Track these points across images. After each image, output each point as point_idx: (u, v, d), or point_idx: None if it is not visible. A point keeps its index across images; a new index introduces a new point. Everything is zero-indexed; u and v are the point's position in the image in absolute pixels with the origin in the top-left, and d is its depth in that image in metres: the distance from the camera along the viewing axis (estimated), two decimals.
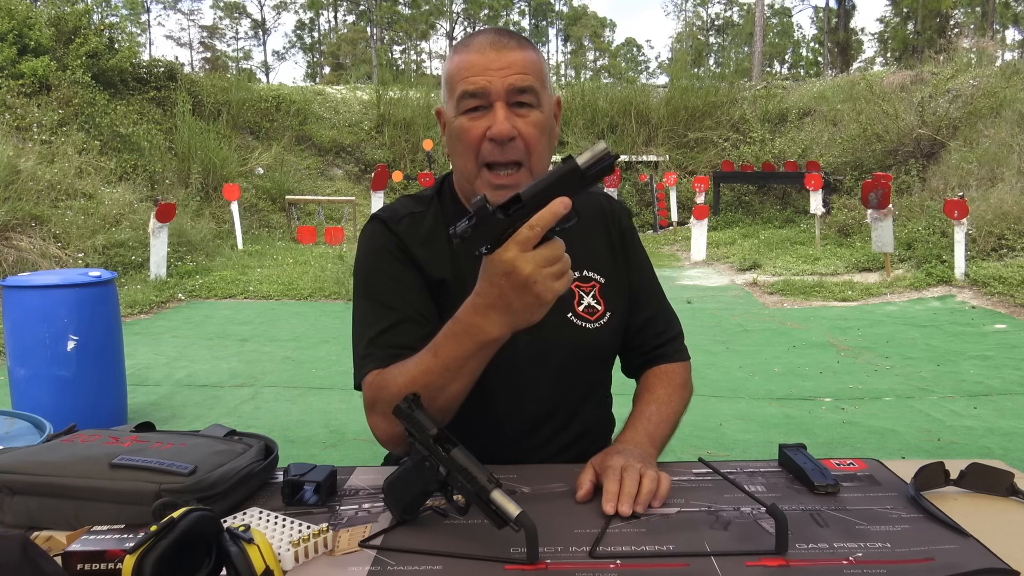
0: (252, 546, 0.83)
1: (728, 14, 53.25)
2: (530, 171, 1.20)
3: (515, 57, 1.18)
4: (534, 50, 1.22)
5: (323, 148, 15.97)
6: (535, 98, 1.19)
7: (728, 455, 3.62)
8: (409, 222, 1.29)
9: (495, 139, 1.17)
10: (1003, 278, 7.35)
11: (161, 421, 4.11)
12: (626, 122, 15.91)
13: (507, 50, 1.18)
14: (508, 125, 1.16)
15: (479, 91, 1.17)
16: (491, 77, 1.17)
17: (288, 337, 6.26)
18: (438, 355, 1.09)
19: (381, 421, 1.16)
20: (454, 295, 1.23)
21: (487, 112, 1.18)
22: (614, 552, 0.96)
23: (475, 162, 1.20)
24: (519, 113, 1.18)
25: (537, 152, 1.20)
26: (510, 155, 1.18)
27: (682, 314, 1.48)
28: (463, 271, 1.25)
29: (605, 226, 1.37)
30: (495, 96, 1.17)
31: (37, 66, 11.40)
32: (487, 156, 1.19)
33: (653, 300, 1.41)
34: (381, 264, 1.27)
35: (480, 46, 1.19)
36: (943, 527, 1.01)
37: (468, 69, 1.18)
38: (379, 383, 1.17)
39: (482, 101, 1.18)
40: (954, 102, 12.91)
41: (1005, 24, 39.63)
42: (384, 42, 51.51)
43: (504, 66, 1.17)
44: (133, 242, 9.08)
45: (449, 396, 1.11)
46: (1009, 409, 4.25)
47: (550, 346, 1.27)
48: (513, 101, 1.18)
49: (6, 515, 1.07)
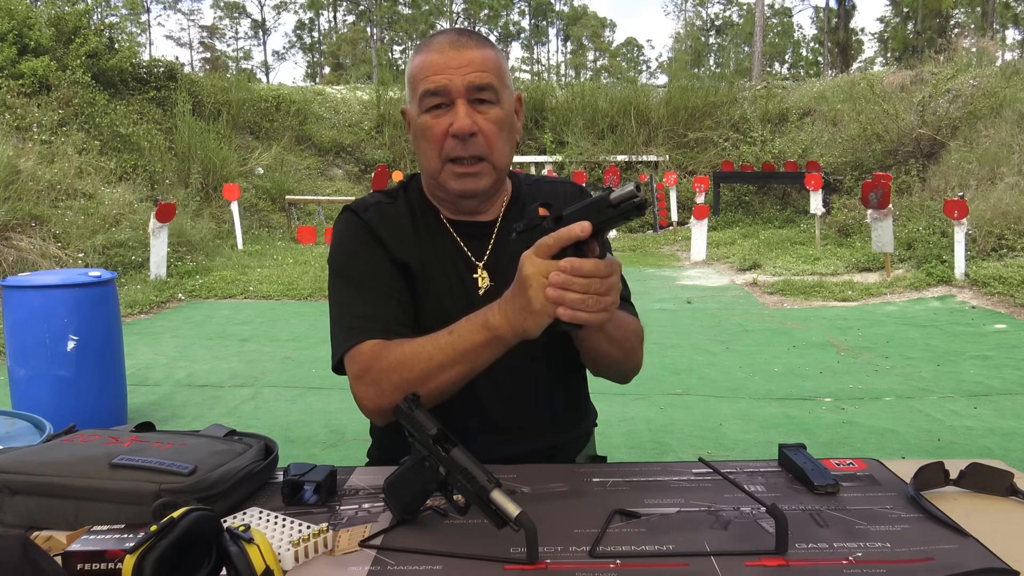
0: (252, 546, 0.83)
1: (728, 14, 53.29)
2: (491, 165, 1.25)
3: (474, 55, 1.22)
4: (493, 49, 1.26)
5: (323, 148, 15.96)
6: (495, 95, 1.23)
7: (728, 455, 3.62)
8: (376, 210, 1.34)
9: (457, 135, 1.21)
10: (1003, 278, 7.35)
11: (161, 421, 4.11)
12: (626, 122, 15.89)
13: (466, 49, 1.22)
14: (469, 121, 1.21)
15: (440, 89, 1.21)
16: (451, 75, 1.20)
17: (288, 337, 6.26)
18: (453, 332, 1.14)
19: (370, 389, 1.18)
20: (418, 280, 1.29)
21: (449, 110, 1.22)
22: (614, 552, 0.96)
23: (439, 158, 1.25)
24: (479, 110, 1.23)
25: (497, 147, 1.25)
26: (472, 150, 1.23)
27: (682, 314, 1.48)
28: (426, 261, 1.30)
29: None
30: (456, 93, 1.21)
31: (37, 66, 11.39)
32: (450, 152, 1.23)
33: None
34: (355, 249, 1.31)
35: (440, 45, 1.23)
36: (943, 527, 1.02)
37: (429, 68, 1.22)
38: (376, 351, 1.19)
39: (443, 99, 1.22)
40: (954, 102, 12.90)
41: (1005, 24, 39.63)
42: (384, 42, 51.52)
43: (463, 64, 1.21)
44: (133, 242, 9.08)
45: (447, 379, 1.13)
46: (1009, 409, 4.25)
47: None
48: (473, 98, 1.22)
49: (6, 515, 1.07)
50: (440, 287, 1.30)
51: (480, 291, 1.31)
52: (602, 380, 1.38)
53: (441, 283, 1.31)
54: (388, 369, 1.16)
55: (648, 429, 3.93)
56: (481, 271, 1.32)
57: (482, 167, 1.25)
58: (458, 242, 1.33)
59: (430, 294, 1.30)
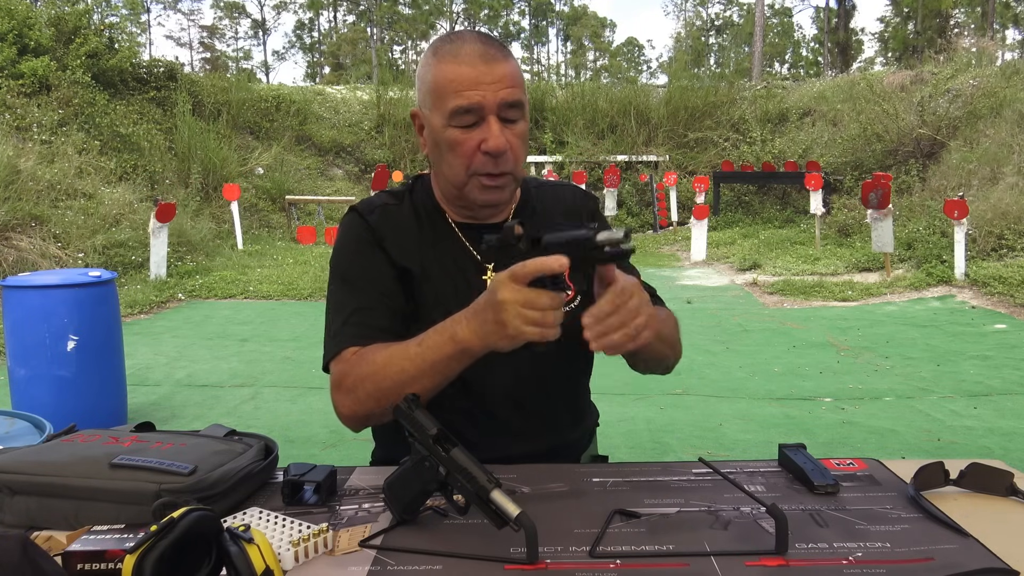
0: (252, 546, 0.83)
1: (728, 14, 53.29)
2: (514, 177, 1.26)
3: (505, 70, 1.21)
4: (513, 58, 1.25)
5: (323, 148, 15.96)
6: (521, 111, 1.23)
7: (728, 455, 3.61)
8: (381, 213, 1.34)
9: (491, 153, 1.20)
10: (1003, 278, 7.35)
11: (161, 421, 4.11)
12: (626, 122, 15.89)
13: (496, 63, 1.20)
14: (504, 140, 1.20)
15: (474, 107, 1.19)
16: (484, 92, 1.19)
17: (288, 337, 6.26)
18: (422, 344, 1.14)
19: (346, 397, 1.19)
20: (419, 285, 1.29)
21: (479, 125, 1.20)
22: (614, 552, 0.96)
23: (466, 172, 1.23)
24: (508, 126, 1.22)
25: (521, 161, 1.26)
26: (502, 167, 1.22)
27: (682, 314, 1.48)
28: (430, 265, 1.30)
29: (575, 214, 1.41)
30: (488, 111, 1.19)
31: (37, 66, 11.39)
32: (480, 167, 1.22)
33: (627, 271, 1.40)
34: (355, 252, 1.31)
35: (470, 58, 1.20)
36: (943, 527, 1.02)
37: (460, 82, 1.19)
38: (354, 360, 1.20)
39: (476, 116, 1.20)
40: (954, 102, 12.90)
41: (1005, 24, 39.63)
42: (384, 42, 51.52)
43: (496, 80, 1.19)
44: (133, 242, 9.08)
45: (419, 388, 1.13)
46: (1009, 409, 4.25)
47: None
48: (503, 115, 1.21)
49: (6, 515, 1.07)
50: (444, 290, 1.29)
51: None
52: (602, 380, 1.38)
53: (445, 286, 1.30)
54: (363, 378, 1.17)
55: (648, 429, 3.93)
56: (491, 273, 1.31)
57: (507, 180, 1.25)
58: (466, 245, 1.33)
59: (433, 298, 1.29)
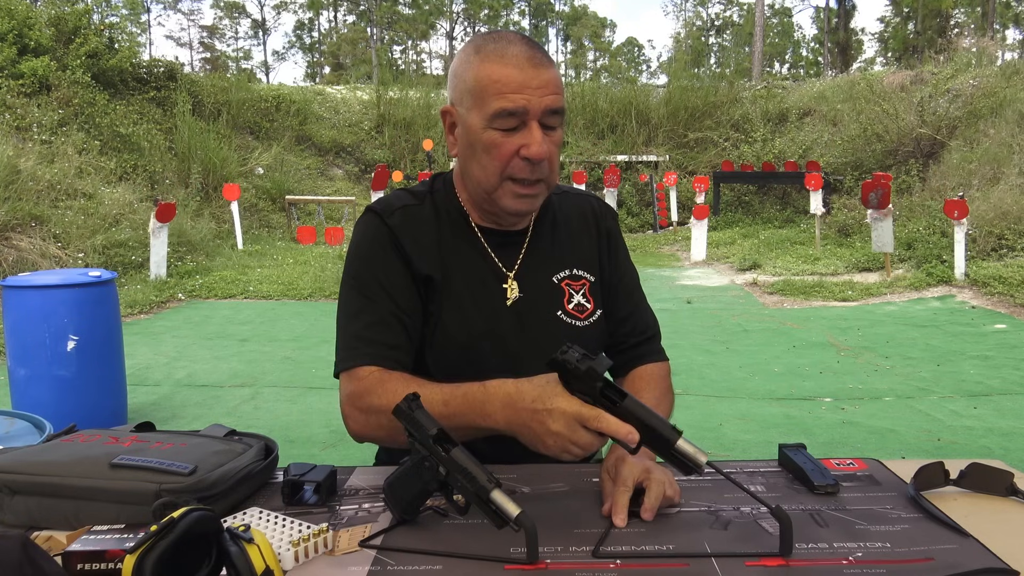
0: (252, 546, 0.83)
1: (728, 14, 53.27)
2: (547, 185, 1.25)
3: (549, 76, 1.20)
4: (555, 64, 1.25)
5: (323, 148, 15.96)
6: (561, 118, 1.22)
7: (728, 455, 3.62)
8: (402, 215, 1.30)
9: (531, 159, 1.19)
10: (1003, 278, 7.35)
11: (161, 421, 4.11)
12: (626, 122, 15.89)
13: (543, 68, 1.19)
14: (546, 147, 1.19)
15: (519, 110, 1.18)
16: (530, 96, 1.17)
17: (288, 337, 6.26)
18: (448, 405, 1.11)
19: (360, 416, 1.19)
20: (439, 292, 1.26)
21: (520, 130, 1.19)
22: (614, 552, 0.96)
23: (500, 175, 1.22)
24: (547, 133, 1.21)
25: (555, 170, 1.25)
26: (538, 174, 1.22)
27: (682, 314, 1.49)
28: (450, 271, 1.28)
29: (596, 226, 1.42)
30: (532, 116, 1.18)
31: (37, 66, 11.39)
32: (516, 172, 1.21)
33: (634, 298, 1.44)
34: (372, 257, 1.28)
35: (518, 61, 1.18)
36: (943, 527, 1.02)
37: (506, 84, 1.17)
38: (372, 385, 1.18)
39: (517, 120, 1.19)
40: (954, 102, 12.91)
41: (1005, 24, 39.63)
42: (384, 42, 51.50)
43: (541, 85, 1.18)
44: (133, 242, 9.08)
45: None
46: (1009, 409, 4.25)
47: (540, 344, 1.27)
48: (545, 122, 1.20)
49: (6, 515, 1.06)
50: (463, 296, 1.28)
51: (508, 301, 1.30)
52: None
53: (465, 292, 1.28)
54: (379, 409, 1.15)
55: None
56: (511, 282, 1.30)
57: (540, 188, 1.24)
58: (488, 251, 1.31)
59: (453, 303, 1.27)
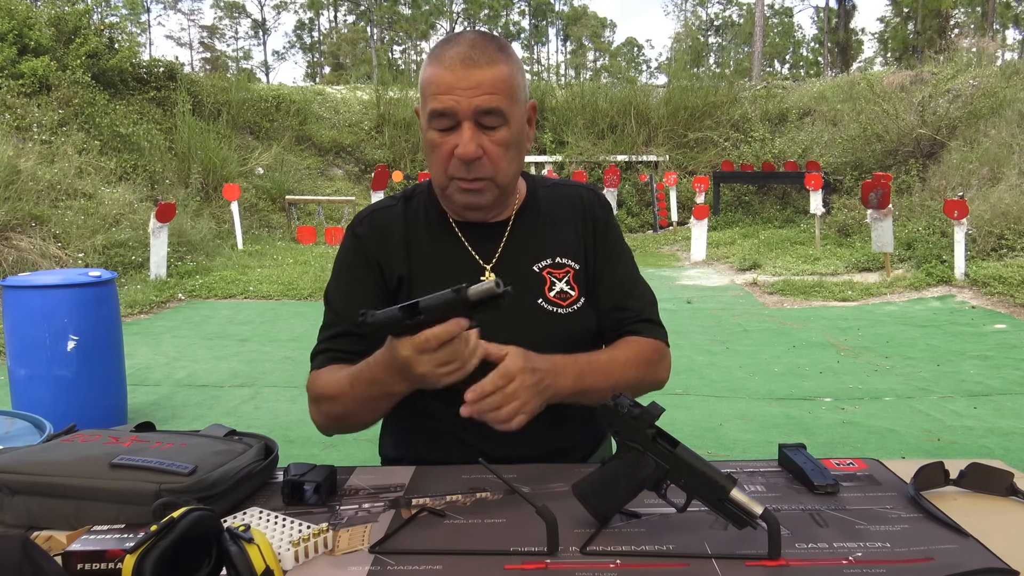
0: (252, 546, 0.83)
1: (728, 14, 53.28)
2: (494, 183, 1.25)
3: (483, 76, 1.19)
4: (507, 62, 1.22)
5: (323, 148, 15.96)
6: (502, 118, 1.21)
7: (728, 455, 3.62)
8: (369, 222, 1.37)
9: (461, 159, 1.21)
10: (1003, 278, 7.35)
11: (161, 421, 4.11)
12: (626, 122, 15.90)
13: (476, 68, 1.19)
14: (473, 146, 1.20)
15: (446, 111, 1.20)
16: (458, 97, 1.18)
17: (288, 337, 6.26)
18: (354, 386, 1.20)
19: (313, 408, 1.31)
20: (411, 292, 1.31)
21: (456, 130, 1.21)
22: (614, 551, 0.96)
23: (444, 175, 1.25)
24: (486, 132, 1.21)
25: (502, 167, 1.25)
26: (476, 172, 1.23)
27: (682, 314, 1.49)
28: (422, 266, 1.33)
29: (582, 215, 1.40)
30: (462, 116, 1.20)
31: (37, 66, 11.39)
32: (454, 172, 1.24)
33: (627, 282, 1.41)
34: (339, 272, 1.38)
35: (451, 62, 1.20)
36: (943, 527, 1.02)
37: (437, 85, 1.20)
38: (315, 378, 1.30)
39: (450, 121, 1.20)
40: (954, 102, 12.91)
41: (1005, 24, 39.63)
42: (384, 42, 51.52)
43: (471, 86, 1.18)
44: (133, 242, 9.08)
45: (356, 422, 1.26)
46: (1009, 409, 4.25)
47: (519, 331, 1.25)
48: (480, 121, 1.20)
49: (6, 515, 1.07)
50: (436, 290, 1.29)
51: None
52: None
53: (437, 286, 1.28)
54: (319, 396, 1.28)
55: None
56: (488, 273, 1.32)
57: (485, 184, 1.25)
58: (464, 244, 1.33)
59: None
